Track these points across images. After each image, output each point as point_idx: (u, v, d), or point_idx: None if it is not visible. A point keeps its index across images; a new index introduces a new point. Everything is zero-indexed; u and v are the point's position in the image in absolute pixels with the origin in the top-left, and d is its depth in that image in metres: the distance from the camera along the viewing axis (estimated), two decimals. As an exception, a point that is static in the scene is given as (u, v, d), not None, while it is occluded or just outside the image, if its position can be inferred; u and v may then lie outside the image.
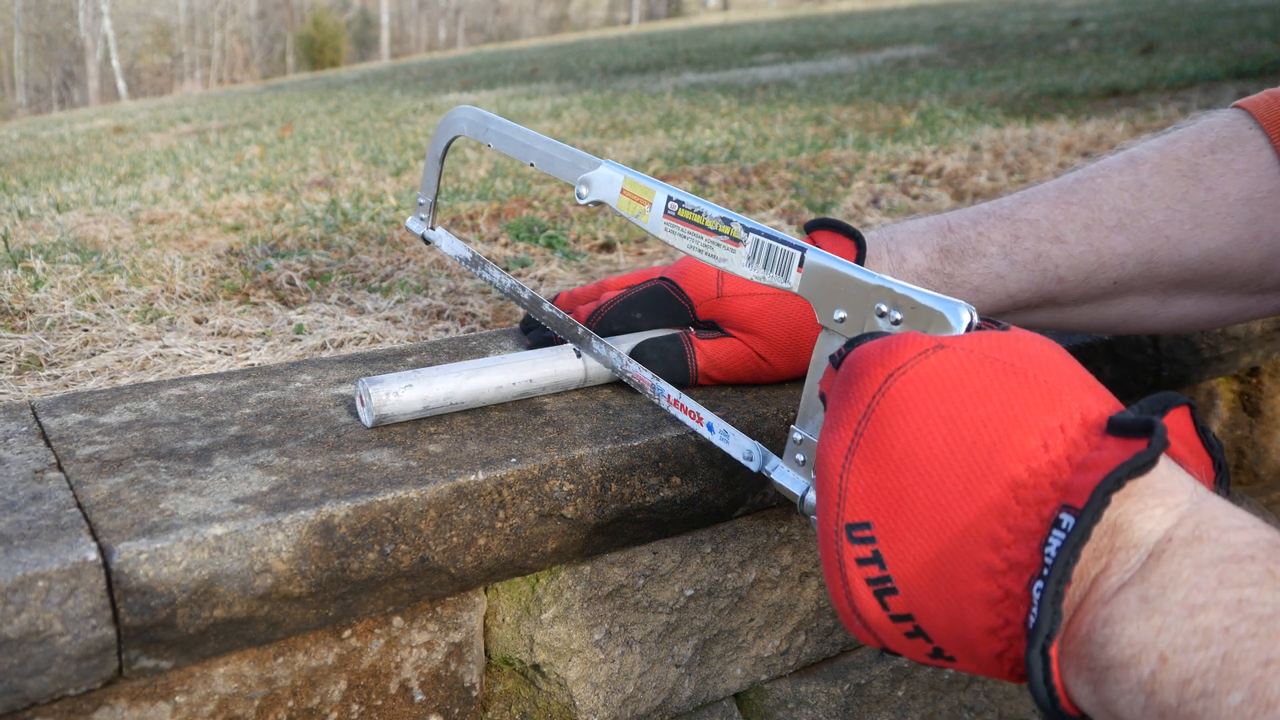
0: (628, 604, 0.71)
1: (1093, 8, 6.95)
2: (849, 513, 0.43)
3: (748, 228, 0.56)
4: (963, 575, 0.40)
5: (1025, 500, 0.39)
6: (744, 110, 2.98)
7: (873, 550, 0.43)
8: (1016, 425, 0.41)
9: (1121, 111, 2.47)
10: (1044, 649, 0.38)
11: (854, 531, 0.43)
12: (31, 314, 1.04)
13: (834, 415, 0.46)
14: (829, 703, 0.80)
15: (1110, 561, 0.38)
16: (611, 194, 0.62)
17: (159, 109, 6.85)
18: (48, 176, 2.75)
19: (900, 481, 0.42)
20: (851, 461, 0.44)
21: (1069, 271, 0.68)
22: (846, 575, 0.44)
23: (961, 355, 0.43)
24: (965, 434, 0.41)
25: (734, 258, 0.56)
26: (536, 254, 1.31)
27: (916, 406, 0.42)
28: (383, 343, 0.96)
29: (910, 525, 0.42)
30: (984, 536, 0.40)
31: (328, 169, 2.29)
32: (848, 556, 0.43)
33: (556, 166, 0.66)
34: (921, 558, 0.41)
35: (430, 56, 12.86)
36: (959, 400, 0.42)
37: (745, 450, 0.59)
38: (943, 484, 0.41)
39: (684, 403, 0.63)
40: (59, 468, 0.59)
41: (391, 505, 0.56)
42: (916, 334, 0.45)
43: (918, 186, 1.69)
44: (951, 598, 0.41)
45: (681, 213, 0.59)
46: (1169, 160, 0.67)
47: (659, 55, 6.25)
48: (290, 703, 0.59)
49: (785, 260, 0.54)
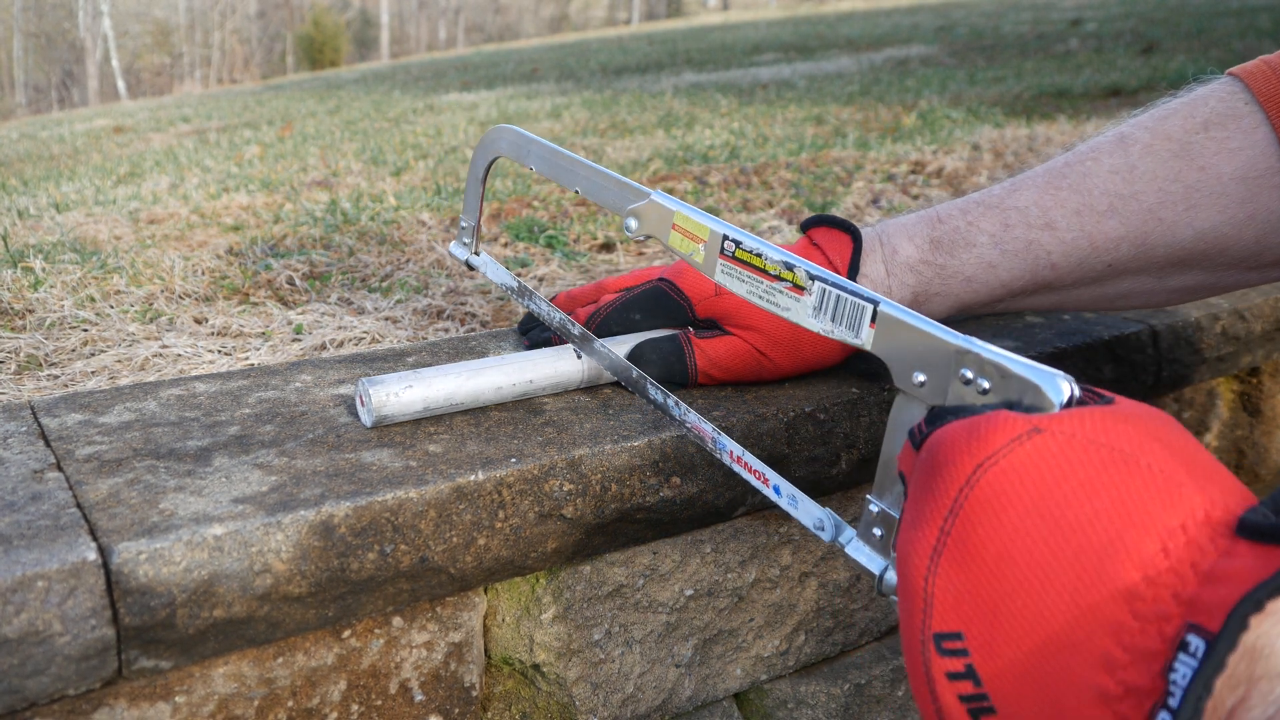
0: (628, 604, 0.71)
1: (1093, 8, 6.95)
2: (937, 621, 0.39)
3: (812, 275, 0.52)
4: (1071, 700, 0.36)
5: (1143, 615, 0.35)
6: (744, 110, 2.98)
7: (965, 664, 0.38)
8: (1130, 525, 0.36)
9: (1121, 112, 2.47)
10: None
11: (943, 643, 0.39)
12: (31, 314, 1.04)
13: (916, 508, 0.42)
14: (829, 703, 0.80)
15: (1249, 693, 0.33)
16: (663, 230, 0.59)
17: (159, 109, 6.85)
18: (47, 176, 2.75)
19: (996, 589, 0.38)
20: (938, 564, 0.40)
21: (1062, 258, 0.68)
22: (936, 691, 0.40)
23: (1062, 441, 0.38)
24: (1069, 535, 0.37)
25: (799, 307, 0.52)
26: (536, 254, 1.31)
27: (1011, 503, 0.38)
28: (383, 343, 0.96)
29: (1008, 640, 0.37)
30: (1095, 656, 0.35)
31: (328, 169, 2.29)
32: (936, 670, 0.39)
33: (604, 195, 0.62)
34: (1022, 677, 0.37)
35: (430, 56, 12.86)
36: (1061, 495, 0.37)
37: (816, 519, 0.55)
38: (1045, 593, 0.37)
39: (748, 461, 0.59)
40: (58, 468, 0.59)
41: (391, 505, 0.56)
42: (1009, 414, 0.41)
43: (918, 186, 1.69)
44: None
45: (739, 254, 0.55)
46: (1160, 140, 0.66)
47: (659, 55, 6.25)
48: (290, 703, 0.59)
49: (856, 313, 0.50)
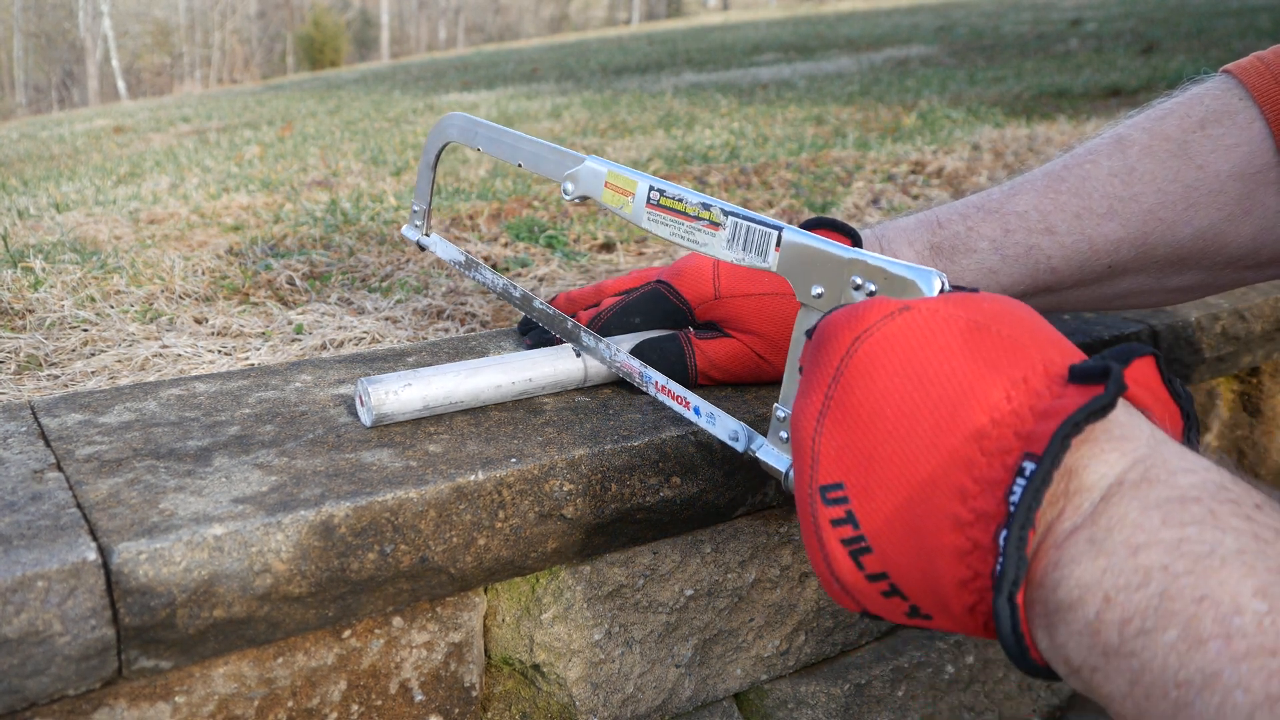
0: (628, 604, 0.71)
1: (1093, 8, 6.95)
2: (822, 475, 0.44)
3: (726, 211, 0.57)
4: (932, 528, 0.40)
5: (989, 450, 0.40)
6: (744, 110, 2.98)
7: (846, 510, 0.43)
8: (980, 378, 0.41)
9: (1121, 112, 2.47)
10: (1010, 596, 0.38)
11: (827, 493, 0.44)
12: (31, 314, 1.04)
13: (806, 382, 0.46)
14: (829, 703, 0.79)
15: (1065, 506, 0.39)
16: (596, 187, 0.63)
17: (159, 109, 6.85)
18: (47, 176, 2.75)
19: (869, 440, 0.43)
20: (823, 424, 0.44)
21: (1062, 261, 0.68)
22: (822, 537, 0.44)
23: (926, 315, 0.43)
24: (930, 390, 0.41)
25: (714, 241, 0.57)
26: (536, 254, 1.31)
27: (882, 366, 0.43)
28: (383, 343, 0.96)
29: (880, 483, 0.42)
30: (951, 488, 0.40)
31: (328, 169, 2.29)
32: (822, 519, 0.44)
33: (544, 165, 0.67)
34: (892, 514, 0.42)
35: (430, 56, 12.86)
36: (923, 358, 0.42)
37: (731, 431, 0.60)
38: (909, 440, 0.41)
39: (670, 388, 0.64)
40: (58, 468, 0.58)
41: (391, 505, 0.56)
42: (884, 299, 0.46)
43: (918, 186, 1.69)
44: (923, 552, 0.41)
45: (664, 201, 0.60)
46: (1158, 140, 0.66)
47: (659, 55, 6.25)
48: (290, 703, 0.59)
49: (763, 240, 0.55)
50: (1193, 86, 0.68)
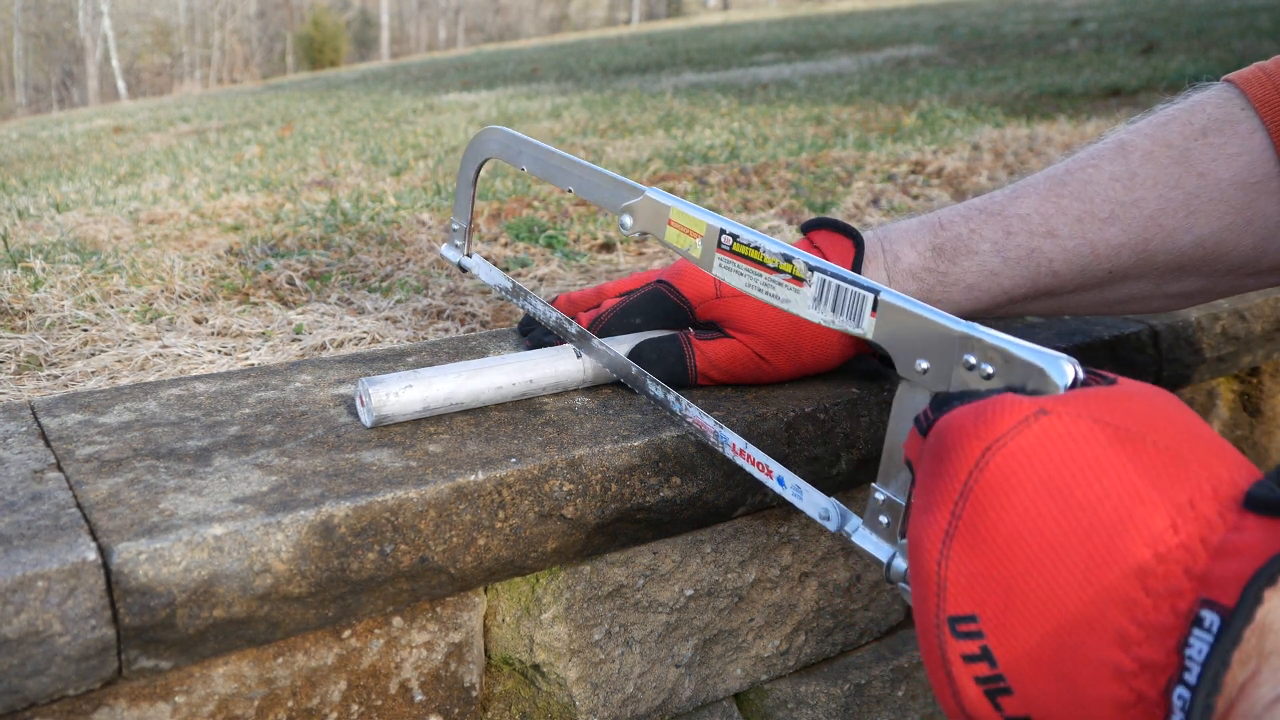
0: (628, 604, 0.71)
1: (1093, 8, 6.95)
2: (951, 604, 0.40)
3: (811, 266, 0.52)
4: (1087, 676, 0.36)
5: (1156, 591, 0.35)
6: (744, 110, 2.98)
7: (980, 646, 0.39)
8: (1139, 502, 0.36)
9: (1121, 111, 2.47)
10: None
11: (958, 625, 0.39)
12: (31, 314, 1.04)
13: (925, 494, 0.42)
14: (829, 703, 0.79)
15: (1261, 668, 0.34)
16: (659, 226, 0.59)
17: (159, 109, 6.85)
18: (47, 176, 2.75)
19: (1008, 570, 0.38)
20: (950, 547, 0.40)
21: (1063, 265, 0.68)
22: (952, 673, 0.40)
23: (1068, 422, 0.39)
24: (1079, 514, 0.37)
25: (798, 299, 0.52)
26: (536, 254, 1.31)
27: (1020, 484, 0.38)
28: (383, 343, 0.96)
29: (1022, 619, 0.38)
30: (1110, 633, 0.36)
31: (328, 169, 2.29)
32: (952, 653, 0.40)
33: (597, 193, 0.62)
34: (1037, 655, 0.37)
35: (430, 56, 12.86)
36: (1069, 475, 0.38)
37: (821, 509, 0.55)
38: (1057, 572, 0.37)
39: (751, 454, 0.59)
40: (58, 468, 0.58)
41: (391, 505, 0.56)
42: (1014, 397, 0.41)
43: (918, 186, 1.69)
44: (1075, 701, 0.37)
45: (737, 248, 0.55)
46: (1160, 147, 0.66)
47: (659, 55, 6.25)
48: (290, 703, 0.59)
49: (857, 303, 0.50)
50: (1194, 93, 0.68)
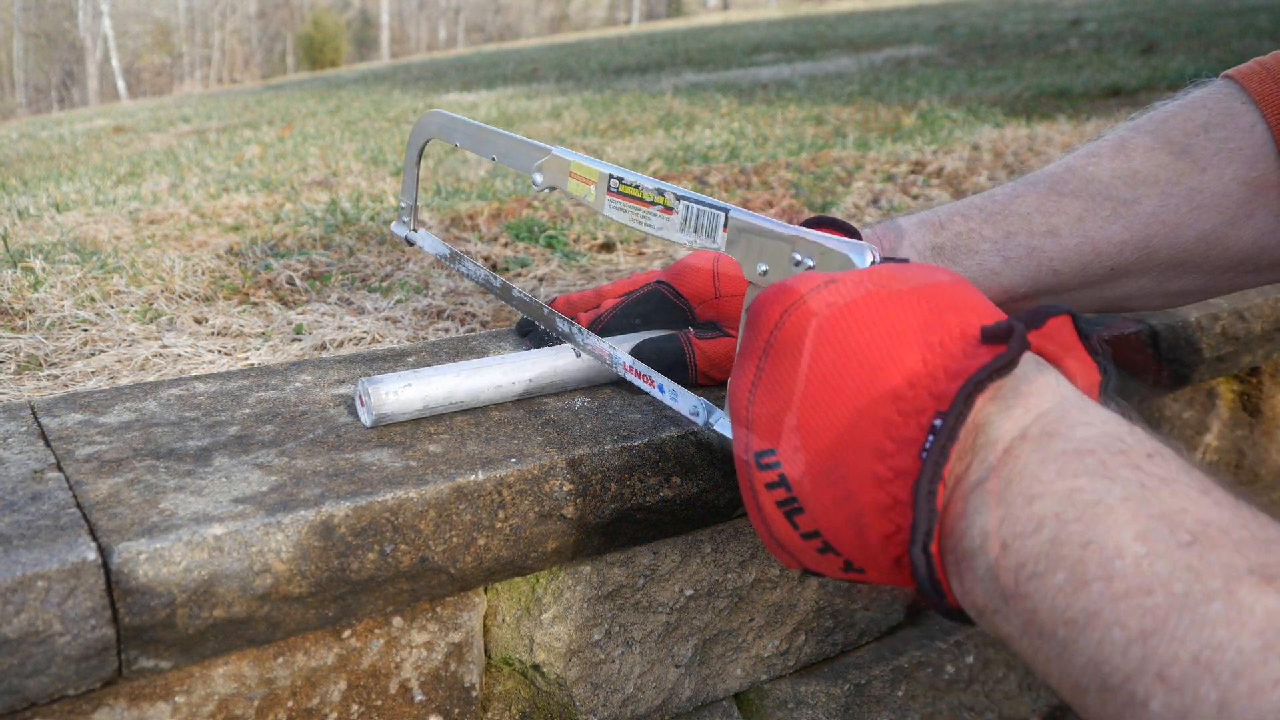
0: (628, 604, 0.71)
1: (1093, 8, 6.94)
2: (756, 441, 0.46)
3: (679, 195, 0.59)
4: (856, 487, 0.43)
5: (905, 411, 0.42)
6: (744, 110, 2.98)
7: (779, 475, 0.45)
8: (897, 343, 0.43)
9: (1121, 111, 2.47)
10: (924, 546, 0.40)
11: (761, 459, 0.46)
12: (31, 314, 1.04)
13: (741, 354, 0.49)
14: (829, 703, 0.79)
15: (972, 460, 0.41)
16: (562, 179, 0.65)
17: (159, 109, 6.85)
18: (47, 176, 2.75)
19: (796, 405, 0.45)
20: (755, 393, 0.47)
21: (1064, 264, 0.68)
22: (759, 501, 0.46)
23: (850, 286, 0.46)
24: (851, 357, 0.44)
25: (669, 225, 0.59)
26: (536, 254, 1.31)
27: (807, 335, 0.45)
28: (383, 343, 0.96)
29: (807, 447, 0.44)
30: (871, 448, 0.42)
31: (328, 169, 2.29)
32: (758, 483, 0.46)
33: (515, 159, 0.68)
34: (819, 475, 0.44)
35: (430, 56, 12.85)
36: (845, 325, 0.44)
37: (691, 406, 0.61)
38: (832, 405, 0.44)
39: (636, 367, 0.65)
40: (58, 468, 0.58)
41: (391, 505, 0.56)
42: (812, 273, 0.48)
43: (918, 186, 1.69)
44: (849, 509, 0.43)
45: (622, 188, 0.62)
46: (1161, 143, 0.67)
47: (659, 55, 6.25)
48: (290, 703, 0.59)
49: (712, 222, 0.57)
50: (1194, 90, 0.68)
